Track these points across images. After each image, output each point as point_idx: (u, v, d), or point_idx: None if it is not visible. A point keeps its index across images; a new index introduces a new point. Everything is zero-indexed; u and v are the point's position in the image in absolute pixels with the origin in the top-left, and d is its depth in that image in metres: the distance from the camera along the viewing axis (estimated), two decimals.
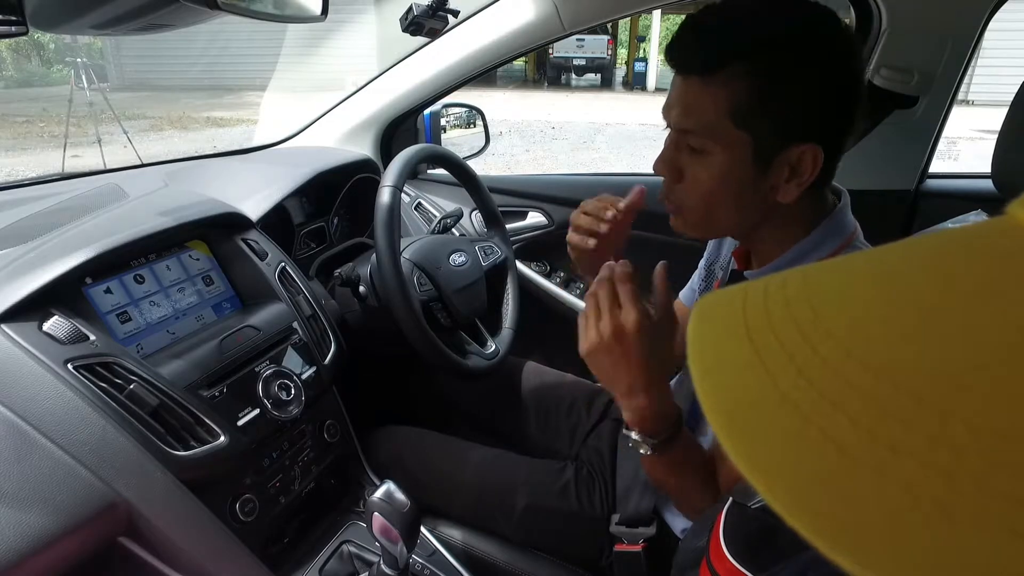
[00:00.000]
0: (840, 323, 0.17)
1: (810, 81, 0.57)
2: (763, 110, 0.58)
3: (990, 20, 1.10)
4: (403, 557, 0.71)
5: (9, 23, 0.46)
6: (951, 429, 0.13)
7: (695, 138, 0.62)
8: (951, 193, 1.26)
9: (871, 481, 0.13)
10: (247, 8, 0.62)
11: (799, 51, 0.57)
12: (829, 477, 0.14)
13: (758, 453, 0.15)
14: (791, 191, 0.62)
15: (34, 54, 12.46)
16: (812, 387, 0.15)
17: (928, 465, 0.13)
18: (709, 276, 0.88)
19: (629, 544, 0.81)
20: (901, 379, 0.15)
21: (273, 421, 0.81)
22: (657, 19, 14.16)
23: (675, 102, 0.63)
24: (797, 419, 0.15)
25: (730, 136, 0.60)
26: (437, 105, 1.46)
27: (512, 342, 1.13)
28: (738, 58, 0.57)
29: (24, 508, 0.53)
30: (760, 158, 0.60)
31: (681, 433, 0.65)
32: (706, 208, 0.65)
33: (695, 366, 0.18)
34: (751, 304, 0.19)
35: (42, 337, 0.65)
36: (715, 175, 0.62)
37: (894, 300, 0.17)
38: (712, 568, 0.47)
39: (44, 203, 0.88)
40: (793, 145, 0.59)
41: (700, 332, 0.19)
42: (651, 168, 0.69)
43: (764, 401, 0.16)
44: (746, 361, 0.17)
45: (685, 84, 0.61)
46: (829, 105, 0.60)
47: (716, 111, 0.59)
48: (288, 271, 0.95)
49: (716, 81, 0.58)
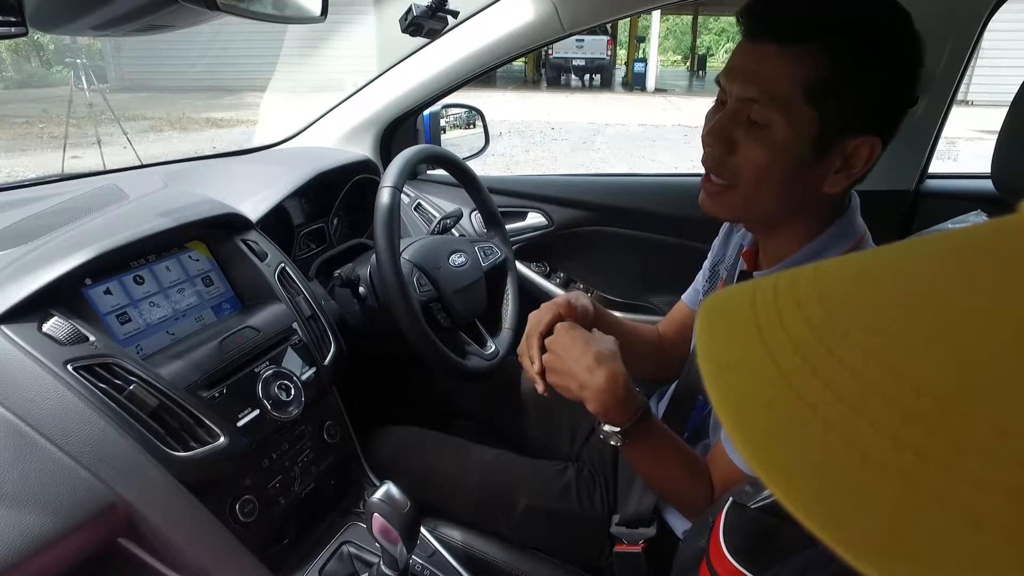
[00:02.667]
0: (855, 323, 0.16)
1: (885, 72, 0.57)
2: (835, 91, 0.57)
3: (990, 20, 1.10)
4: (403, 558, 0.71)
5: (9, 24, 0.46)
6: (978, 434, 0.13)
7: (759, 108, 0.60)
8: (951, 193, 1.26)
9: (895, 488, 0.13)
10: (247, 9, 0.62)
11: (881, 40, 0.57)
12: (850, 483, 0.13)
13: (775, 457, 0.15)
14: (839, 182, 0.62)
15: (34, 55, 12.48)
16: (829, 389, 0.15)
17: (955, 472, 0.12)
18: (714, 277, 0.88)
19: (629, 545, 0.81)
20: (923, 382, 0.14)
21: (273, 422, 0.81)
22: (656, 20, 14.17)
23: (740, 69, 0.61)
24: (815, 422, 0.15)
25: (798, 110, 0.58)
26: (437, 106, 1.46)
27: (512, 342, 1.13)
28: (823, 33, 0.56)
29: (24, 509, 0.53)
30: (821, 141, 0.59)
31: (649, 421, 0.68)
32: (754, 185, 0.63)
33: (705, 366, 0.18)
34: (761, 303, 0.18)
35: (42, 338, 0.65)
36: (770, 150, 0.60)
37: (911, 301, 0.16)
38: (712, 568, 0.47)
39: (44, 204, 0.88)
40: (853, 135, 0.59)
41: (709, 331, 0.19)
42: (651, 168, 0.69)
43: (779, 403, 0.16)
44: (758, 361, 0.17)
45: (756, 51, 0.59)
46: (894, 100, 0.59)
47: (790, 82, 0.57)
48: (288, 272, 0.95)
49: (794, 51, 0.57)
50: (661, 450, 0.70)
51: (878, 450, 0.13)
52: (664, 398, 0.95)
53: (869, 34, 0.56)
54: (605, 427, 0.68)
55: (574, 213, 1.44)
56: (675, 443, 0.72)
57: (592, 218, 1.44)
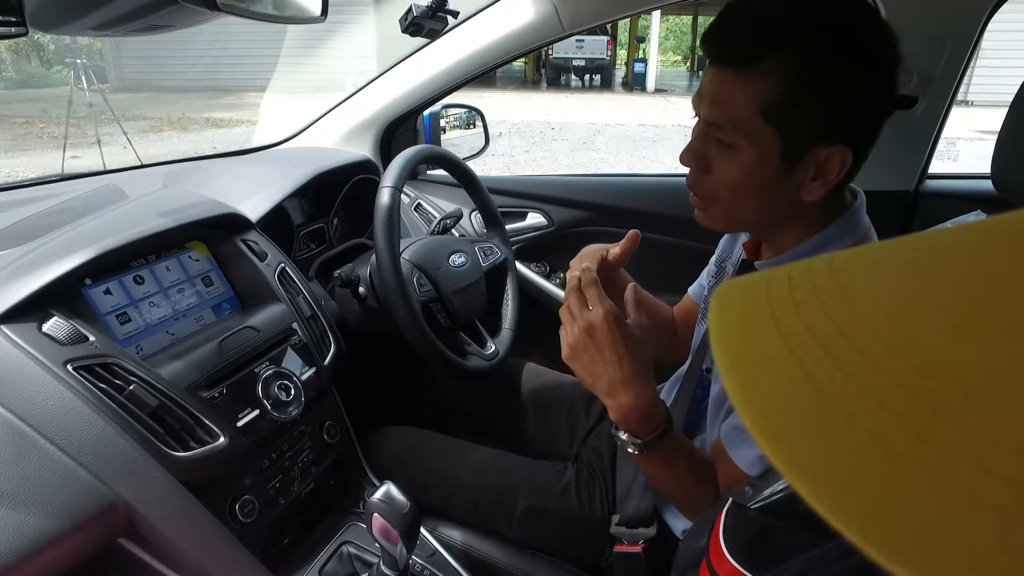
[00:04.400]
0: (876, 316, 0.16)
1: (845, 80, 0.56)
2: (795, 107, 0.57)
3: (990, 20, 1.10)
4: (403, 558, 0.71)
5: (9, 24, 0.46)
6: (1012, 431, 0.12)
7: (723, 132, 0.61)
8: (951, 194, 1.26)
9: (924, 486, 0.12)
10: (247, 9, 0.62)
11: (837, 48, 0.55)
12: (877, 479, 0.13)
13: (797, 452, 0.14)
14: (816, 190, 0.62)
15: (34, 55, 12.47)
16: (851, 381, 0.15)
17: (988, 470, 0.12)
18: (720, 272, 0.88)
19: (629, 545, 0.81)
20: (952, 377, 0.14)
21: (273, 422, 0.81)
22: (656, 20, 14.18)
23: (706, 94, 0.61)
24: (839, 416, 0.14)
25: (758, 132, 0.59)
26: (437, 106, 1.46)
27: (512, 343, 1.13)
28: (774, 52, 0.56)
29: (24, 509, 0.53)
30: (788, 156, 0.60)
31: (670, 431, 0.66)
32: (732, 201, 0.64)
33: (721, 358, 0.17)
34: (776, 294, 0.18)
35: (42, 338, 0.65)
36: (742, 170, 0.61)
37: (936, 293, 0.16)
38: (712, 569, 0.47)
39: (44, 204, 0.88)
40: (822, 145, 0.59)
41: (724, 323, 0.18)
42: (651, 168, 0.69)
43: (799, 396, 0.15)
44: (777, 353, 0.16)
45: (718, 75, 0.60)
46: (863, 106, 0.59)
47: (747, 105, 0.58)
48: (288, 272, 0.95)
49: (750, 74, 0.57)
50: (677, 462, 0.69)
51: (904, 445, 0.13)
52: (674, 388, 0.94)
53: (823, 43, 0.55)
54: (623, 435, 0.66)
55: (574, 213, 1.44)
56: (691, 455, 0.70)
57: (592, 218, 1.44)
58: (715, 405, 0.76)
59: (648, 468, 0.70)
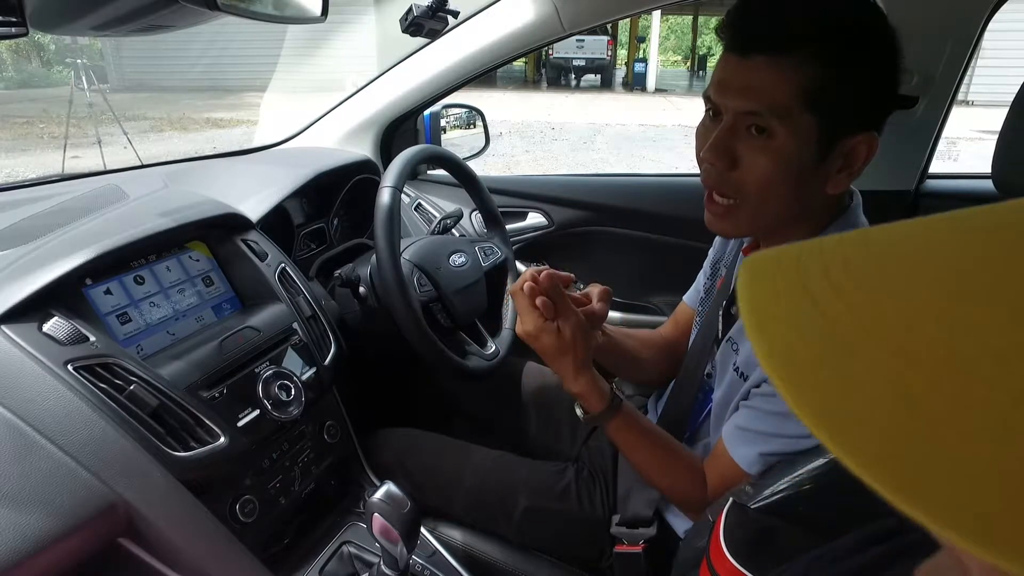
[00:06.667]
0: (912, 285, 0.16)
1: (874, 68, 0.58)
2: (832, 95, 0.57)
3: (990, 20, 1.10)
4: (403, 558, 0.71)
5: (9, 24, 0.46)
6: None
7: (761, 120, 0.60)
8: (951, 193, 1.26)
9: (952, 441, 0.13)
10: (247, 9, 0.62)
11: (867, 37, 0.57)
12: (906, 434, 0.13)
13: (825, 407, 0.15)
14: (842, 181, 0.62)
15: (34, 55, 12.47)
16: (883, 346, 0.15)
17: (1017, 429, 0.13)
18: (714, 274, 0.88)
19: (630, 545, 0.81)
20: (985, 338, 0.14)
21: (273, 422, 0.81)
22: (657, 20, 14.18)
23: (733, 83, 0.60)
24: (872, 374, 0.15)
25: (798, 118, 0.58)
26: (437, 106, 1.46)
27: (512, 342, 1.13)
28: (811, 40, 0.56)
29: (24, 509, 0.53)
30: (822, 144, 0.60)
31: (621, 406, 0.75)
32: (761, 196, 0.63)
33: (749, 318, 0.18)
34: (807, 260, 0.19)
35: (42, 338, 0.65)
36: (776, 161, 0.60)
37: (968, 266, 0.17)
38: (712, 569, 0.47)
39: (44, 204, 0.88)
40: (854, 133, 0.60)
41: (751, 286, 0.19)
42: (651, 168, 0.69)
43: (828, 353, 0.16)
44: (805, 314, 0.17)
45: (746, 64, 0.59)
46: (886, 94, 0.60)
47: (787, 92, 0.58)
48: (288, 272, 0.95)
49: (787, 62, 0.57)
50: (633, 428, 0.75)
51: (934, 401, 0.14)
52: (662, 400, 0.95)
53: (854, 34, 0.57)
54: (585, 413, 0.77)
55: (574, 213, 1.44)
56: (643, 423, 0.77)
57: (592, 218, 1.44)
58: (719, 409, 0.76)
59: (613, 437, 0.76)
